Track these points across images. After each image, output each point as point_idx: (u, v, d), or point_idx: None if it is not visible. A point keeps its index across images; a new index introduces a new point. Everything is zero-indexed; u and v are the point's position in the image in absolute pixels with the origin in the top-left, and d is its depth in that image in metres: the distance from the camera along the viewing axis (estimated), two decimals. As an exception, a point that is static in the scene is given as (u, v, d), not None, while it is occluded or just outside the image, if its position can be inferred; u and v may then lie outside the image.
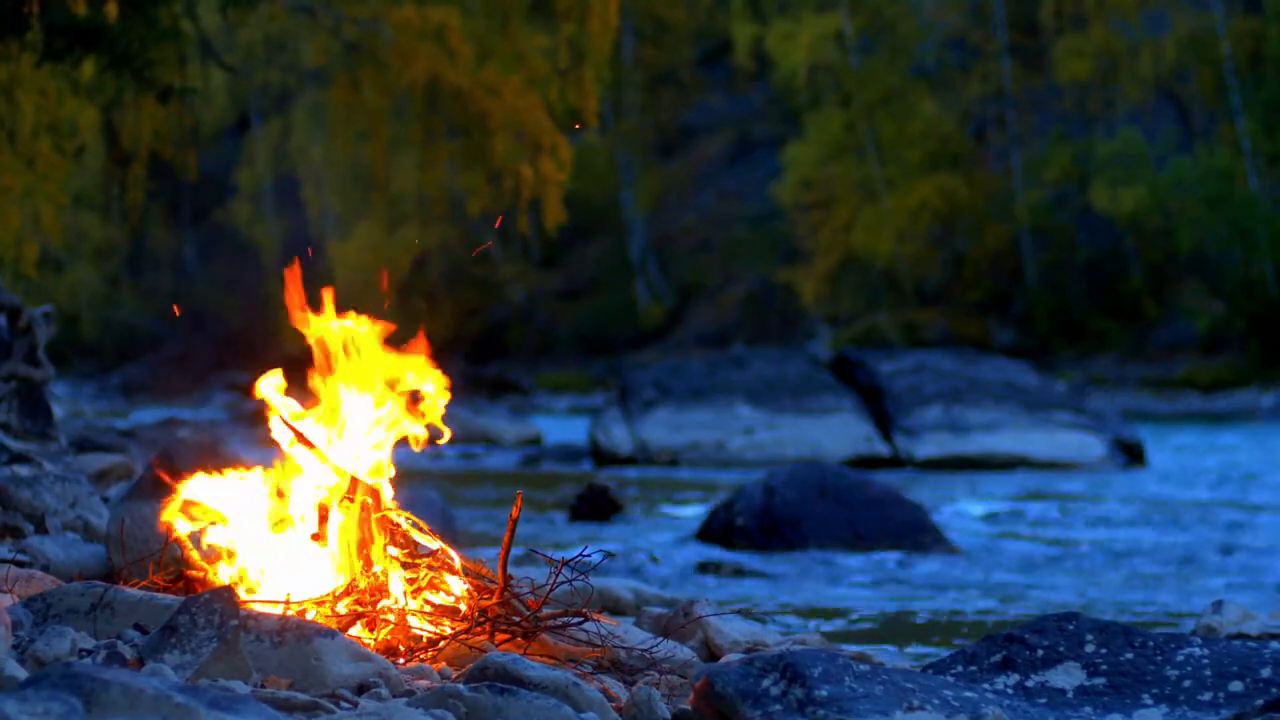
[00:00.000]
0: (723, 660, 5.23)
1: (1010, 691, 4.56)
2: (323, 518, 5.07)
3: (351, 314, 5.32)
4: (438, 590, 5.03)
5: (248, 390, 5.48)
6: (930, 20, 47.37)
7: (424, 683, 4.51)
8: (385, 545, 5.04)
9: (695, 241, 50.55)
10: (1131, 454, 20.18)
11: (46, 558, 6.12)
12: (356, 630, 4.87)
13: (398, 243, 47.57)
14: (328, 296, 5.31)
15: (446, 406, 5.29)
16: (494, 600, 4.96)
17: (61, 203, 17.43)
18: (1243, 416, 29.74)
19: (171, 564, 5.28)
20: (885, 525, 11.85)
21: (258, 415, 5.34)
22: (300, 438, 5.17)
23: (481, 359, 47.52)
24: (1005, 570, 10.96)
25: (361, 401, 5.29)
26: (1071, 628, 4.71)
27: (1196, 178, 39.90)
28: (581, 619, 4.99)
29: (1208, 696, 4.45)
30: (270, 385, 5.23)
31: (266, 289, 48.39)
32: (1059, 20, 44.84)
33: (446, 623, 4.94)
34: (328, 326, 5.29)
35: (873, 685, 4.23)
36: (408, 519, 5.09)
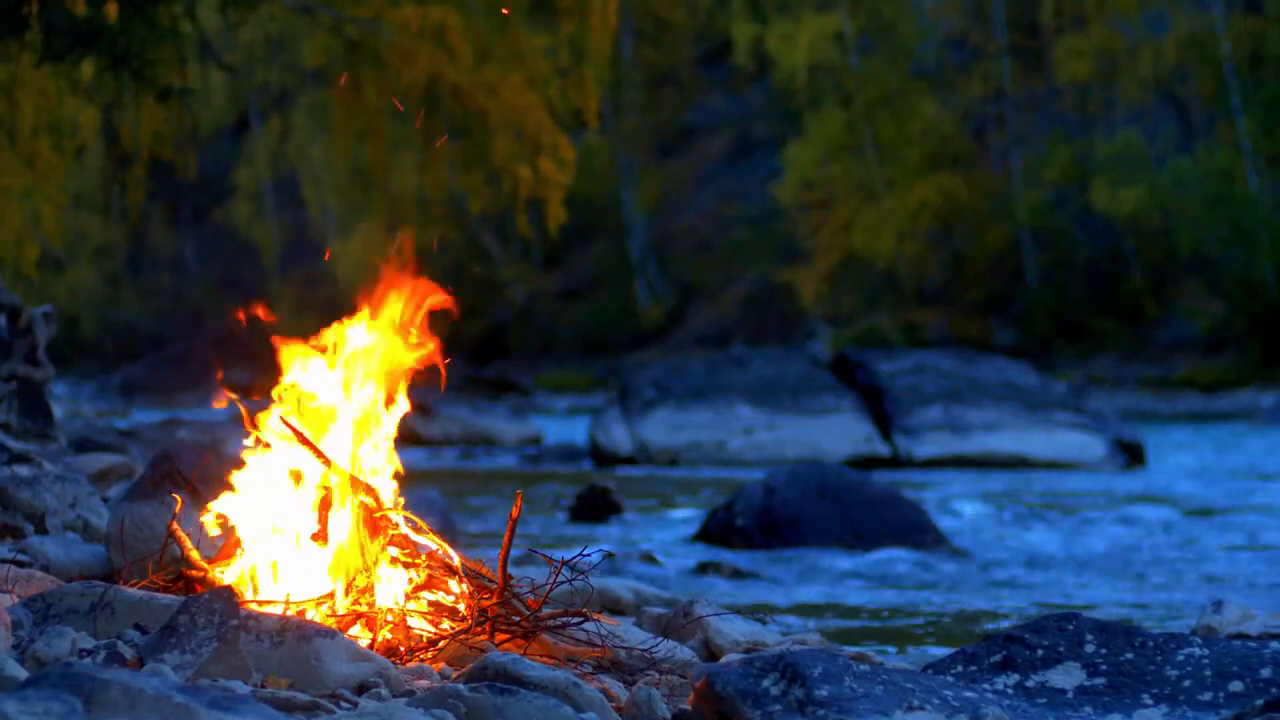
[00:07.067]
0: (723, 660, 5.23)
1: (1010, 691, 4.56)
2: (323, 517, 5.07)
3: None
4: (437, 590, 5.03)
5: (248, 390, 5.47)
6: (930, 20, 47.36)
7: (424, 683, 4.51)
8: (385, 545, 5.04)
9: (695, 241, 50.54)
10: (1131, 454, 20.18)
11: (46, 558, 6.12)
12: (356, 630, 4.87)
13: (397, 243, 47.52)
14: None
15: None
16: (494, 600, 4.96)
17: (61, 203, 17.41)
18: (1243, 416, 29.73)
19: (171, 564, 5.28)
20: (885, 525, 11.84)
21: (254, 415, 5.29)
22: (300, 438, 5.17)
23: (482, 359, 47.50)
24: (1005, 570, 10.96)
25: (359, 397, 5.30)
26: (1071, 628, 4.71)
27: (1196, 178, 39.90)
28: (581, 619, 4.99)
29: (1208, 696, 4.45)
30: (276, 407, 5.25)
31: (267, 289, 48.40)
32: (1059, 20, 44.85)
33: (446, 623, 4.94)
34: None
35: (873, 685, 4.23)
36: (408, 519, 5.09)
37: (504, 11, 17.51)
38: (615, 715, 4.35)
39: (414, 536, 5.07)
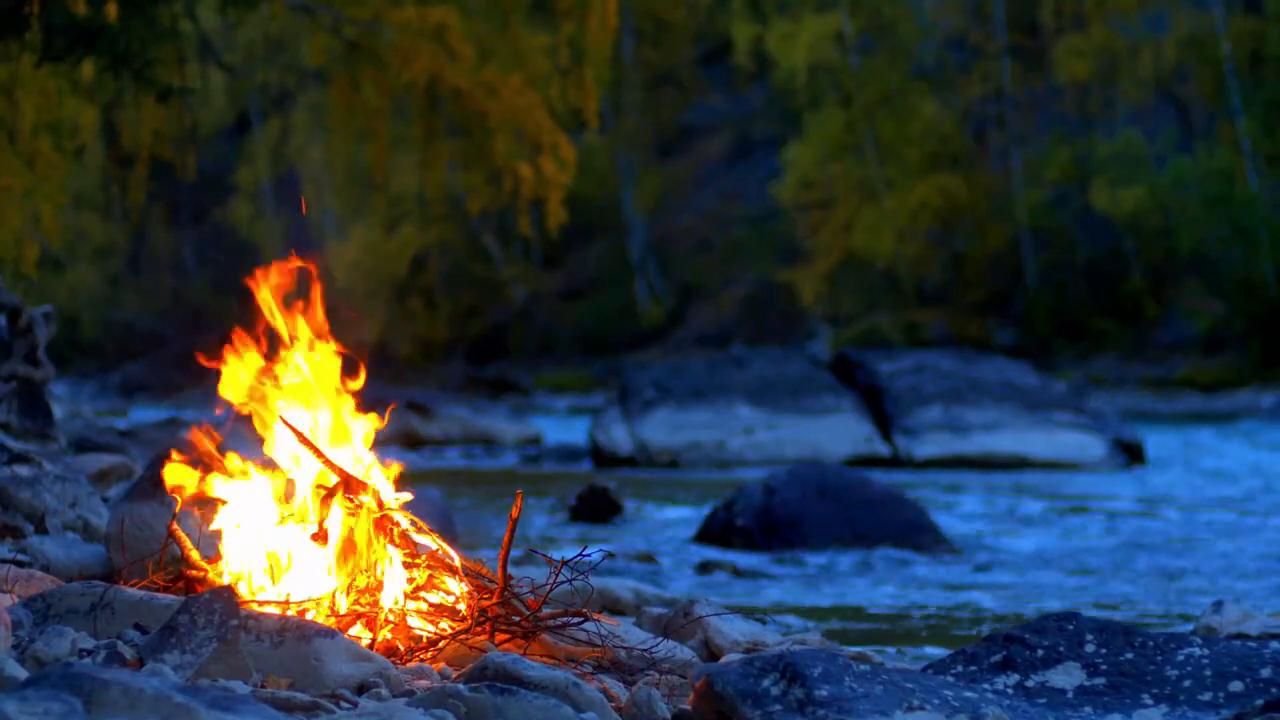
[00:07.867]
0: (723, 660, 5.23)
1: (1010, 691, 4.56)
2: (323, 517, 5.06)
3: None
4: (438, 590, 5.03)
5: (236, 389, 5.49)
6: (930, 20, 47.35)
7: (424, 683, 4.51)
8: (385, 545, 5.04)
9: (695, 241, 50.53)
10: (1131, 454, 20.18)
11: (46, 558, 6.12)
12: (356, 630, 4.87)
13: (398, 243, 47.59)
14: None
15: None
16: (494, 600, 4.96)
17: (61, 203, 17.41)
18: (1243, 416, 29.74)
19: (171, 564, 5.28)
20: (885, 525, 11.84)
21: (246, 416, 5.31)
22: (301, 438, 5.17)
23: (482, 359, 47.51)
24: (1005, 570, 10.96)
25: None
26: (1071, 628, 4.71)
27: (1196, 178, 39.88)
28: (581, 619, 5.00)
29: (1208, 696, 4.45)
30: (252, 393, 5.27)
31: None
32: (1059, 20, 44.84)
33: (446, 623, 4.94)
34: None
35: (873, 685, 4.23)
36: (408, 519, 5.09)
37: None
38: (615, 715, 4.35)
39: (415, 536, 5.08)
